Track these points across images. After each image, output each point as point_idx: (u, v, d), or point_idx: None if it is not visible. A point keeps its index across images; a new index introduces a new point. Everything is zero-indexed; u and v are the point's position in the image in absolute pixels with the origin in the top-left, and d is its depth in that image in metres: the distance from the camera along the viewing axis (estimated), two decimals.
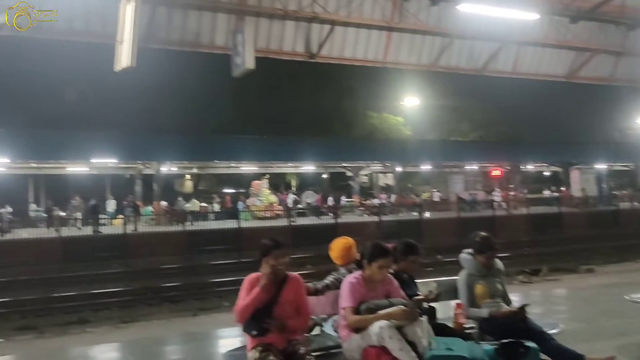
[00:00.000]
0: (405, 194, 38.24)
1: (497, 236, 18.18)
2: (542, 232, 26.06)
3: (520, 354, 3.91)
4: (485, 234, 5.03)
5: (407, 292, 4.37)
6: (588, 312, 8.14)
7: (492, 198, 32.82)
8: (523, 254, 21.93)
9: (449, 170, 39.61)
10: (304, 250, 21.21)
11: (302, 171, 39.15)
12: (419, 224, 25.69)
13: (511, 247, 23.02)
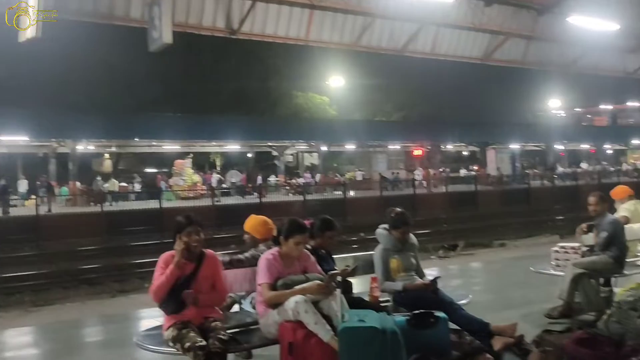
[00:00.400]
0: (330, 173, 38.65)
1: (417, 214, 18.91)
2: (460, 209, 27.11)
3: (430, 324, 4.05)
4: (400, 209, 5.17)
5: (324, 267, 4.42)
6: (498, 284, 8.58)
7: (413, 177, 33.74)
8: (442, 230, 22.77)
9: (372, 150, 40.35)
10: (228, 230, 21.07)
11: (226, 150, 38.68)
12: (343, 202, 26.03)
13: (431, 224, 23.83)
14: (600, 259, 5.98)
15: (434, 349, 3.97)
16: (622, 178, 34.87)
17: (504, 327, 4.25)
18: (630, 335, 4.27)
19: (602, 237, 6.05)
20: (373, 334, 3.03)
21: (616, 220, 6.14)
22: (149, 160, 44.47)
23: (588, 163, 45.16)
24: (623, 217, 6.91)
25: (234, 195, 30.21)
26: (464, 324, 4.43)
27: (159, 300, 3.84)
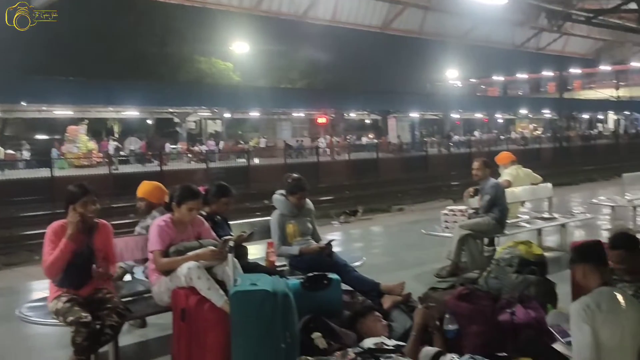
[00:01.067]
0: (234, 140, 38.19)
1: (320, 181, 19.09)
2: (362, 176, 27.78)
3: (323, 286, 4.17)
4: (296, 175, 5.24)
5: (219, 233, 4.41)
6: (394, 246, 8.94)
7: (317, 144, 34.08)
8: (344, 196, 23.27)
9: (277, 118, 40.25)
10: (126, 200, 20.35)
11: (125, 117, 37.11)
12: (247, 170, 25.89)
13: (333, 191, 24.33)
14: (483, 220, 6.38)
15: (327, 309, 4.09)
16: (511, 146, 37.09)
17: (392, 286, 4.46)
18: (506, 289, 4.63)
19: (485, 200, 6.45)
20: (264, 297, 3.07)
21: (497, 184, 6.55)
22: (40, 127, 41.77)
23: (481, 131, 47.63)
24: (505, 181, 7.40)
25: (133, 163, 29.14)
26: (356, 284, 4.61)
27: (54, 276, 3.68)
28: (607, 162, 33.14)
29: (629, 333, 3.18)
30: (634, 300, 3.34)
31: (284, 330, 3.12)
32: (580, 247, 3.54)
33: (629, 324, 3.19)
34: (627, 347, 3.18)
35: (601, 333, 3.13)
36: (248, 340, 3.06)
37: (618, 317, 3.16)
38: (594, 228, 8.99)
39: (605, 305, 3.16)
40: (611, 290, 3.28)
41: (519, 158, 8.13)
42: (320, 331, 3.59)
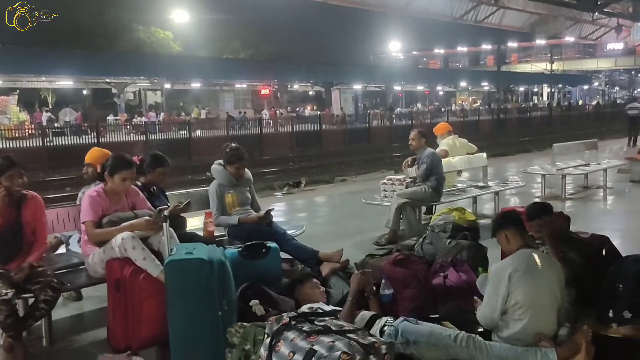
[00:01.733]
0: (175, 112, 37.36)
1: (264, 153, 18.97)
2: (305, 148, 27.80)
3: (262, 254, 4.20)
4: (234, 145, 5.20)
5: (155, 203, 4.35)
6: (335, 216, 9.05)
7: (260, 116, 33.78)
8: (288, 168, 23.29)
9: (219, 89, 39.58)
10: (62, 172, 19.71)
11: (58, 87, 35.64)
12: (188, 142, 25.43)
13: (277, 163, 24.29)
14: (420, 189, 6.54)
15: (266, 277, 4.13)
16: (451, 118, 37.87)
17: (330, 254, 4.53)
18: (440, 254, 4.79)
19: (422, 169, 6.61)
20: (200, 265, 3.07)
21: (433, 154, 6.71)
22: None
23: (422, 104, 48.40)
24: (443, 151, 7.60)
25: (68, 135, 28.07)
26: (295, 252, 4.66)
27: None
28: (541, 133, 34.42)
29: (547, 291, 3.37)
30: (552, 260, 3.55)
31: (221, 297, 3.13)
32: (498, 217, 3.80)
33: (547, 282, 3.38)
34: (547, 304, 3.37)
35: (519, 292, 3.30)
36: (184, 308, 3.06)
37: (535, 276, 3.34)
38: (525, 195, 9.37)
39: (524, 265, 3.35)
40: (530, 252, 3.47)
41: (458, 130, 8.38)
42: (258, 298, 3.63)
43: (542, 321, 3.34)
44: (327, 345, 2.26)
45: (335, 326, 2.41)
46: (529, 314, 3.29)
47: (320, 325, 2.42)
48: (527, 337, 3.29)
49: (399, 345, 3.35)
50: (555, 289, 3.43)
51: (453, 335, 3.31)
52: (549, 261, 3.52)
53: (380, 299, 4.14)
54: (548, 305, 3.37)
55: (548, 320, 3.38)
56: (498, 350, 3.26)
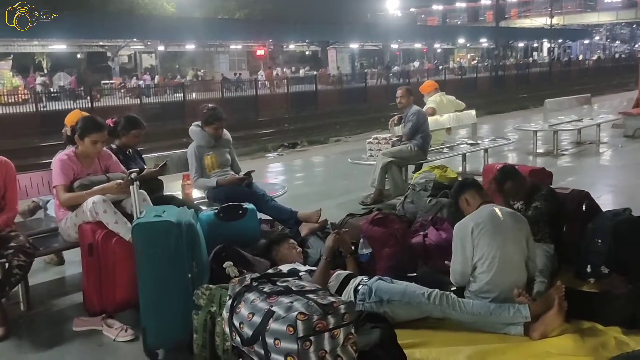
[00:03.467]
0: (171, 74, 36.94)
1: (259, 114, 18.84)
2: (301, 108, 27.59)
3: (239, 216, 4.18)
4: (212, 105, 5.12)
5: (131, 166, 4.30)
6: (324, 176, 9.03)
7: (256, 77, 33.41)
8: (283, 129, 23.19)
9: (214, 50, 39.04)
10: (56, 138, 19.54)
11: (51, 51, 35.13)
12: (183, 105, 25.21)
13: (273, 124, 24.18)
14: (406, 147, 6.49)
15: (243, 239, 4.12)
16: (449, 76, 37.47)
17: (309, 214, 4.51)
18: (421, 213, 4.77)
19: (407, 128, 6.54)
20: (168, 227, 3.03)
21: (419, 111, 6.63)
22: None
23: (420, 62, 47.79)
24: (430, 109, 7.51)
25: (63, 100, 27.84)
26: (274, 213, 4.64)
27: None
28: (540, 89, 34.06)
29: (511, 242, 3.37)
30: (516, 213, 3.52)
31: (190, 260, 3.11)
32: (454, 186, 3.79)
33: (511, 234, 3.38)
34: (512, 255, 3.38)
35: (483, 244, 3.30)
36: (153, 271, 3.03)
37: (498, 228, 3.34)
38: (516, 152, 9.31)
39: (485, 219, 3.36)
40: (491, 206, 3.46)
41: (456, 88, 8.30)
42: (232, 260, 3.62)
43: (509, 272, 3.35)
44: (285, 306, 2.25)
45: (296, 287, 2.39)
46: (494, 265, 3.30)
47: (281, 286, 2.40)
48: (495, 288, 3.30)
49: (372, 304, 3.37)
50: (521, 240, 3.42)
51: (427, 293, 3.31)
52: (512, 214, 3.50)
53: (359, 258, 4.15)
54: (514, 256, 3.38)
55: (515, 271, 3.39)
56: (471, 307, 3.26)
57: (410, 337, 3.22)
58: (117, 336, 3.36)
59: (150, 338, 3.07)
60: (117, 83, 31.21)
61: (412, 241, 4.33)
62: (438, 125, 7.44)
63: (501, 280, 3.33)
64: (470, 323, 3.28)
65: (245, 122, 23.44)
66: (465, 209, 3.66)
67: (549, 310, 3.19)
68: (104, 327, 3.44)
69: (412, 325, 3.34)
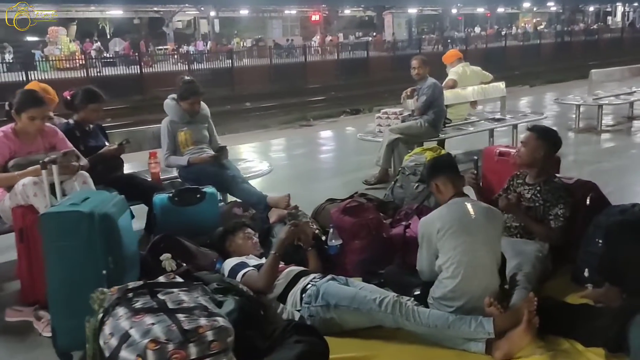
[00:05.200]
0: (224, 40, 36.77)
1: (308, 81, 18.36)
2: (351, 76, 26.89)
3: (196, 200, 3.84)
4: (189, 78, 4.75)
5: (90, 143, 4.04)
6: (340, 151, 8.50)
7: (305, 43, 32.79)
8: (332, 97, 22.66)
9: (268, 16, 38.57)
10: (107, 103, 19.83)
11: (109, 16, 35.68)
12: (231, 71, 25.04)
13: (321, 92, 23.66)
14: (416, 123, 5.96)
15: (200, 225, 3.80)
16: (510, 42, 35.58)
17: (278, 199, 4.11)
18: (407, 200, 4.29)
19: (420, 102, 6.00)
20: (78, 218, 2.72)
21: (435, 84, 6.05)
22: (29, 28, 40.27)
23: (481, 27, 45.56)
24: (451, 81, 6.90)
25: (118, 66, 28.28)
26: (244, 197, 4.28)
27: None
28: (610, 57, 31.83)
29: (482, 244, 2.89)
30: (488, 208, 3.00)
31: (105, 255, 2.79)
32: (430, 164, 3.28)
33: (482, 235, 2.89)
34: (482, 259, 2.89)
35: (449, 247, 2.86)
36: (63, 266, 2.75)
37: (468, 229, 2.88)
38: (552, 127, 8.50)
39: (453, 218, 2.91)
40: (462, 201, 2.97)
41: (517, 55, 7.59)
42: (171, 252, 3.30)
43: (479, 278, 2.89)
44: (144, 329, 1.89)
45: (173, 303, 2.03)
46: (461, 271, 2.85)
47: (155, 301, 2.04)
48: (461, 296, 2.86)
49: (319, 308, 2.98)
50: (494, 242, 2.95)
51: (378, 299, 2.89)
52: (486, 210, 2.99)
53: (327, 250, 3.75)
54: (484, 260, 2.91)
55: (486, 277, 2.92)
56: (427, 318, 2.82)
57: (355, 349, 2.85)
58: (44, 330, 3.12)
59: (61, 339, 2.80)
60: (170, 49, 31.35)
61: (393, 232, 3.88)
62: (460, 98, 6.83)
63: (468, 287, 2.87)
64: (427, 335, 2.84)
65: (293, 89, 23.10)
66: (436, 195, 3.20)
67: (516, 326, 2.70)
68: (34, 319, 3.21)
69: (362, 335, 2.94)
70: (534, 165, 3.54)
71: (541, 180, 3.54)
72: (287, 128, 13.64)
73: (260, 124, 16.26)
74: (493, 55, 30.44)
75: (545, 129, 3.65)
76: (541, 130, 3.58)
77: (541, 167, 3.54)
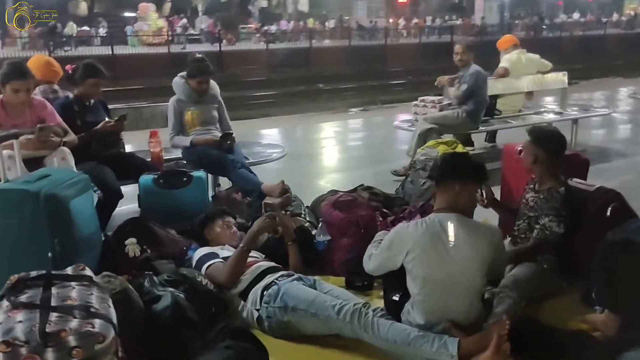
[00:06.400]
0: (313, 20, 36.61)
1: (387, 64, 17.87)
2: (433, 60, 25.97)
3: (182, 183, 3.69)
4: (199, 56, 4.58)
5: (88, 118, 3.97)
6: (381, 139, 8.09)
7: (392, 25, 32.07)
8: (411, 81, 21.98)
9: None
10: None
11: None
12: (309, 52, 24.91)
13: (400, 76, 23.01)
14: (452, 113, 5.53)
15: (185, 209, 3.66)
16: (610, 30, 33.06)
17: (272, 187, 3.88)
18: (414, 197, 3.95)
19: (461, 90, 5.57)
20: (23, 197, 2.63)
21: (479, 72, 5.57)
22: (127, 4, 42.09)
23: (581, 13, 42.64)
24: (502, 69, 6.39)
25: (204, 42, 28.93)
26: (239, 183, 4.08)
27: None
28: None
29: (460, 265, 2.51)
30: (476, 227, 2.60)
31: (51, 236, 2.69)
32: (433, 164, 2.82)
33: (460, 260, 2.51)
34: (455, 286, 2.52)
35: (419, 269, 2.53)
36: (7, 245, 2.68)
37: (444, 253, 2.51)
38: (620, 125, 7.69)
39: (426, 242, 2.54)
40: (445, 219, 2.57)
41: (618, 44, 6.95)
42: (137, 237, 3.16)
43: (454, 300, 2.54)
44: (8, 327, 1.73)
45: (59, 299, 1.86)
46: (434, 291, 2.52)
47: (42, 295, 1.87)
48: (432, 317, 2.52)
49: (276, 309, 2.76)
50: (472, 268, 2.53)
51: (338, 306, 2.61)
52: (471, 229, 2.56)
53: (315, 245, 3.50)
54: (455, 286, 2.52)
55: (462, 298, 2.54)
56: (386, 332, 2.51)
57: (306, 357, 2.62)
58: None
59: None
60: (253, 27, 31.68)
61: None
62: (512, 88, 6.28)
63: (441, 308, 2.53)
64: (386, 351, 2.54)
65: (371, 72, 22.62)
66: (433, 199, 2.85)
67: (485, 350, 2.34)
68: None
69: (321, 342, 2.68)
70: (533, 171, 3.13)
71: (545, 189, 3.11)
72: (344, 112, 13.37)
73: (328, 106, 16.03)
74: (589, 44, 28.47)
75: (543, 132, 3.20)
76: (537, 135, 3.14)
77: (542, 173, 3.10)
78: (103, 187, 3.57)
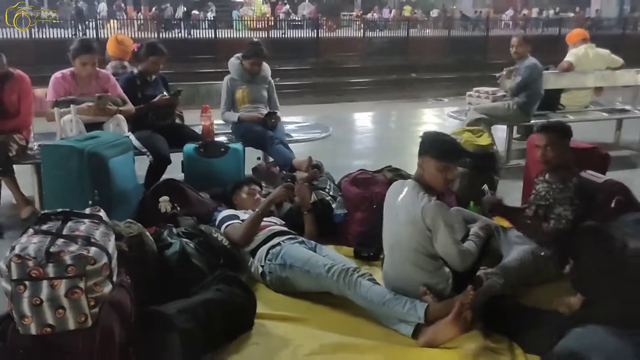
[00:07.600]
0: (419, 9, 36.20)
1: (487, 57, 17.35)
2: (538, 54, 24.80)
3: (220, 153, 4.09)
4: (255, 40, 4.98)
5: (148, 92, 4.46)
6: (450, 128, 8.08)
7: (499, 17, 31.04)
8: None
9: None
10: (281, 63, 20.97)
11: None
12: (406, 41, 24.78)
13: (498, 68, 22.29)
14: (503, 104, 5.58)
15: (222, 177, 4.06)
16: None
17: (300, 162, 4.18)
18: None
19: (515, 82, 5.60)
20: (69, 153, 3.12)
21: (534, 65, 5.58)
22: None
23: None
24: (566, 62, 6.29)
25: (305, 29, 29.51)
26: (275, 157, 4.46)
27: None
28: None
29: (394, 231, 2.83)
30: (414, 201, 2.73)
31: (92, 188, 3.17)
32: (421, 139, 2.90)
33: (398, 222, 2.79)
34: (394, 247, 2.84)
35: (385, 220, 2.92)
36: (56, 191, 3.19)
37: (391, 213, 2.86)
38: None
39: (388, 196, 2.93)
40: (407, 184, 2.85)
41: None
42: (170, 195, 3.59)
43: (395, 267, 2.86)
44: (24, 245, 2.15)
45: (69, 230, 2.28)
46: (387, 250, 2.93)
47: (58, 226, 2.30)
48: (387, 281, 2.90)
49: (277, 265, 3.12)
50: (409, 231, 2.72)
51: (328, 265, 2.93)
52: (415, 200, 2.72)
53: (333, 217, 3.79)
54: (397, 247, 2.82)
55: (400, 267, 2.82)
56: (366, 291, 2.80)
57: (292, 309, 2.94)
58: None
59: None
60: (354, 15, 31.86)
61: None
62: (577, 83, 6.16)
63: (392, 269, 2.88)
64: (366, 309, 2.83)
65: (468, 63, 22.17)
66: None
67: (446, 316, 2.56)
68: None
69: (312, 298, 3.00)
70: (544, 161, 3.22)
71: (559, 179, 3.18)
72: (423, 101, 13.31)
73: (414, 95, 16.03)
74: None
75: (548, 122, 3.36)
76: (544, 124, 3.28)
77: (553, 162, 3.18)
78: (154, 153, 4.09)
